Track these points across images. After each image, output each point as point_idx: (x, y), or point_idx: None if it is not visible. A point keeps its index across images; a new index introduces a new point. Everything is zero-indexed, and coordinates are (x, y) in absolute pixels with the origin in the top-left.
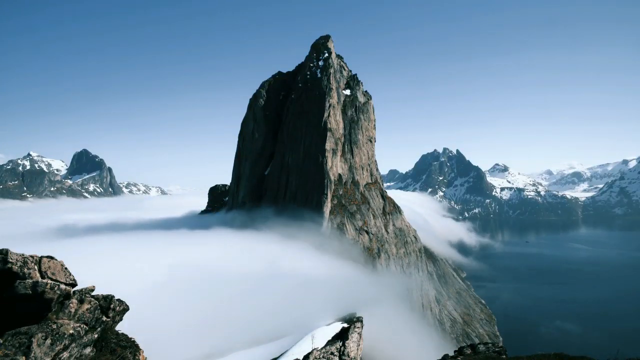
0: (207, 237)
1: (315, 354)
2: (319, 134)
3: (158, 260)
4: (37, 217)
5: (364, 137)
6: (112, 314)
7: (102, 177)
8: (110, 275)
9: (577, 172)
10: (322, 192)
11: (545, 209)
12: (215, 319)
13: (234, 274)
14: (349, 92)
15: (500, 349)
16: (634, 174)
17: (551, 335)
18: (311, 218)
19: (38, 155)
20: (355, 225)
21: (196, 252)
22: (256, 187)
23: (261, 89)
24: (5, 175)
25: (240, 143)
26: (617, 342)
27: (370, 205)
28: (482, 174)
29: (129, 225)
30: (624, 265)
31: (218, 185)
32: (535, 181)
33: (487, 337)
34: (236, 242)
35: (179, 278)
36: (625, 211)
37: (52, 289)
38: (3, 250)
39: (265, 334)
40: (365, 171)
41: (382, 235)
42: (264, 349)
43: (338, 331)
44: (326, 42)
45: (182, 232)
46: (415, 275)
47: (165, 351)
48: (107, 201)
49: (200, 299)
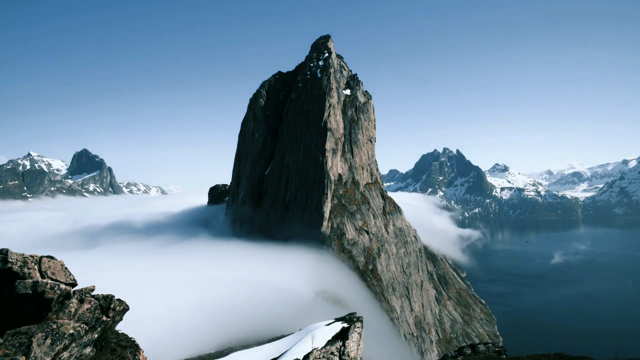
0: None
1: (315, 354)
2: (319, 134)
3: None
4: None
5: (364, 137)
6: (112, 314)
7: (102, 177)
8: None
9: (577, 172)
10: (322, 192)
11: (545, 208)
12: (215, 319)
13: (235, 275)
14: (349, 92)
15: (500, 349)
16: (634, 174)
17: (551, 335)
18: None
19: (38, 155)
20: (355, 225)
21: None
22: (256, 187)
23: (261, 88)
24: (5, 175)
25: (240, 143)
26: (617, 342)
27: (370, 205)
28: (482, 173)
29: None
30: (624, 265)
31: (218, 185)
32: (535, 181)
33: (487, 337)
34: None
35: (179, 279)
36: (625, 211)
37: (52, 289)
38: (3, 250)
39: (265, 334)
40: (365, 171)
41: (382, 235)
42: (264, 349)
43: (338, 331)
44: (326, 42)
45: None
46: (415, 275)
47: (165, 351)
48: (105, 200)
49: (200, 300)
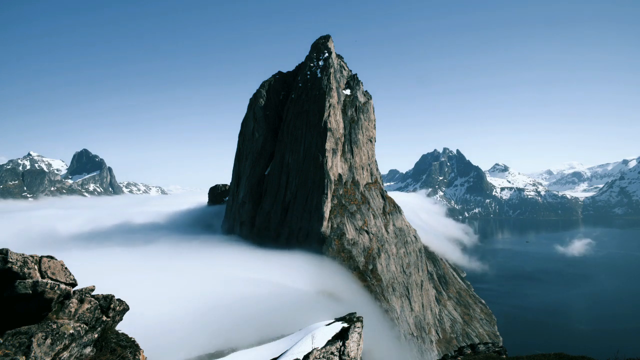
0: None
1: (315, 354)
2: (319, 134)
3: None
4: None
5: (364, 137)
6: (112, 314)
7: (102, 177)
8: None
9: (577, 172)
10: (322, 192)
11: (545, 208)
12: (215, 320)
13: (235, 275)
14: (349, 92)
15: (500, 349)
16: (634, 174)
17: (551, 335)
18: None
19: (38, 155)
20: (355, 225)
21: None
22: (256, 187)
23: (261, 88)
24: (5, 175)
25: (240, 143)
26: (617, 342)
27: (370, 205)
28: (482, 173)
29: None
30: (624, 265)
31: (218, 185)
32: (535, 181)
33: (487, 337)
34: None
35: (179, 279)
36: (625, 211)
37: (52, 289)
38: (3, 250)
39: (266, 334)
40: (365, 171)
41: (382, 235)
42: (264, 349)
43: (338, 331)
44: (326, 42)
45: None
46: (415, 275)
47: (165, 351)
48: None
49: (200, 300)
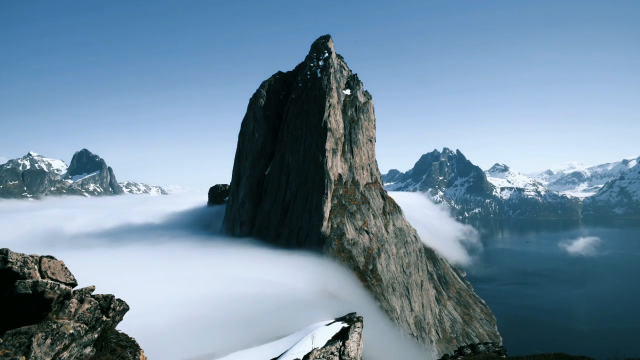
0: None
1: (315, 354)
2: (319, 134)
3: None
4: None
5: (364, 137)
6: (112, 314)
7: (102, 176)
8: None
9: (577, 172)
10: (322, 192)
11: (545, 208)
12: (216, 319)
13: (234, 275)
14: (349, 92)
15: (500, 349)
16: (634, 174)
17: (551, 335)
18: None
19: (38, 155)
20: (355, 225)
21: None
22: (256, 187)
23: (261, 88)
24: (5, 175)
25: (240, 143)
26: (617, 342)
27: (370, 205)
28: (482, 173)
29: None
30: (624, 265)
31: (218, 185)
32: (535, 181)
33: (487, 337)
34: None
35: (179, 279)
36: (625, 211)
37: (52, 289)
38: (3, 250)
39: (265, 334)
40: (365, 171)
41: (382, 235)
42: (264, 349)
43: (338, 331)
44: (326, 42)
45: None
46: (415, 275)
47: (165, 351)
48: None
49: (200, 299)
